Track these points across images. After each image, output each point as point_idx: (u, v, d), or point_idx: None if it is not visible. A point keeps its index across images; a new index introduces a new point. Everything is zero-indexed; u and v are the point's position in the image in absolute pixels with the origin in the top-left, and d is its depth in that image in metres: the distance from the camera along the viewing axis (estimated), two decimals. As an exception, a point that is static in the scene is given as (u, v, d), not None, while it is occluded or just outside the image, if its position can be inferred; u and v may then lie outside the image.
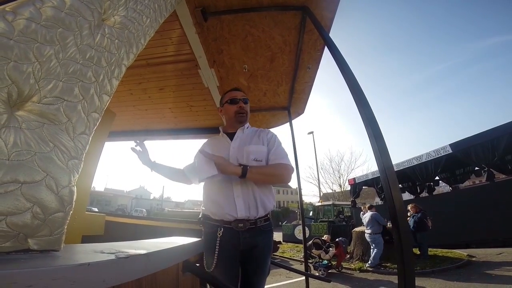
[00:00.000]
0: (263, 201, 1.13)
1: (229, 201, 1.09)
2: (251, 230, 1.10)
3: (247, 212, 1.09)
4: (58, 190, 0.39)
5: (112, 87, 0.57)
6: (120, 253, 0.47)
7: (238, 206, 1.08)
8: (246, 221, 1.09)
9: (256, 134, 1.25)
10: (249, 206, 1.09)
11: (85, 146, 0.46)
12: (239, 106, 1.24)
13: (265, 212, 1.15)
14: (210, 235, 1.10)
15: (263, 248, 1.13)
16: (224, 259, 1.05)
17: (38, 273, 0.30)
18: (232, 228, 1.08)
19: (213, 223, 1.11)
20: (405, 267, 0.63)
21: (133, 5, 0.79)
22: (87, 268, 0.36)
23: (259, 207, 1.11)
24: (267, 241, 1.15)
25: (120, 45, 0.66)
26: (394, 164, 3.62)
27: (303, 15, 1.56)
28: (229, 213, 1.08)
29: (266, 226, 1.15)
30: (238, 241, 1.08)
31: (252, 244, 1.11)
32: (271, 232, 1.19)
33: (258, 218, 1.12)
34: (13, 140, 0.34)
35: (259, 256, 1.13)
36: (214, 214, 1.12)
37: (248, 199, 1.10)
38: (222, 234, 1.06)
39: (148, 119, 2.88)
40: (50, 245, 0.38)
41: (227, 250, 1.07)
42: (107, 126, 2.02)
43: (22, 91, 0.38)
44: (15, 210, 0.33)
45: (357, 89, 0.98)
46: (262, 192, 1.13)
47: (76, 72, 0.48)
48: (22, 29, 0.44)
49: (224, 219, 1.09)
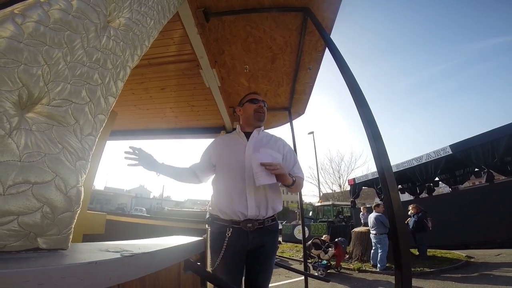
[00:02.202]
0: (274, 202, 1.17)
1: (241, 199, 1.11)
2: (259, 230, 1.12)
3: (257, 211, 1.11)
4: (67, 190, 0.40)
5: (117, 89, 0.58)
6: (125, 252, 0.48)
7: (249, 205, 1.10)
8: (255, 221, 1.11)
9: (272, 139, 1.33)
10: (259, 206, 1.12)
11: (92, 147, 0.47)
12: (258, 105, 1.31)
13: (274, 213, 1.18)
14: (218, 235, 1.11)
15: (269, 248, 1.17)
16: (229, 258, 1.07)
17: (49, 272, 0.31)
18: (241, 228, 1.10)
19: (222, 223, 1.12)
20: (402, 267, 0.64)
21: (137, 7, 0.80)
22: (94, 266, 0.37)
23: (269, 207, 1.15)
24: (274, 241, 1.19)
25: (125, 47, 0.67)
26: (394, 165, 3.65)
27: (304, 16, 1.57)
28: (240, 210, 1.09)
29: (273, 226, 1.19)
30: (246, 241, 1.10)
31: (259, 243, 1.13)
32: (278, 232, 1.23)
33: (266, 218, 1.15)
34: (24, 142, 0.36)
35: (265, 256, 1.16)
36: (223, 213, 1.13)
37: (260, 199, 1.13)
38: (230, 234, 1.07)
39: (149, 118, 2.89)
40: (58, 244, 0.40)
41: (234, 250, 1.08)
42: (108, 125, 2.03)
43: (32, 94, 0.39)
44: (26, 210, 0.34)
45: (357, 90, 0.99)
46: (273, 193, 1.18)
47: (83, 74, 0.49)
48: (31, 32, 0.45)
49: (233, 219, 1.10)
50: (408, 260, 0.71)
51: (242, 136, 1.29)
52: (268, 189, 1.15)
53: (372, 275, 5.04)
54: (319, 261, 5.33)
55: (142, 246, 0.61)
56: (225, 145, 1.29)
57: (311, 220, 12.14)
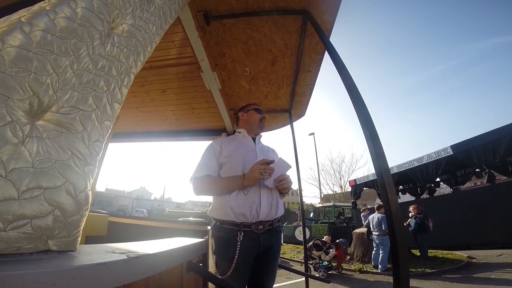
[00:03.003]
0: (280, 204, 1.23)
1: (255, 199, 1.13)
2: (269, 231, 1.15)
3: (269, 211, 1.14)
4: (76, 195, 0.42)
5: (122, 95, 0.60)
6: (130, 253, 0.50)
7: (262, 204, 1.13)
8: (265, 222, 1.14)
9: (269, 148, 1.47)
10: (271, 207, 1.16)
11: (99, 152, 0.49)
12: (263, 116, 1.43)
13: (280, 214, 1.23)
14: (228, 239, 1.08)
15: (276, 249, 1.20)
16: (242, 264, 1.06)
17: (61, 273, 0.33)
18: (252, 230, 1.10)
19: (232, 227, 1.10)
20: (400, 267, 0.65)
21: (140, 13, 0.82)
22: (103, 267, 0.39)
23: (278, 208, 1.20)
24: (279, 241, 1.24)
25: (129, 54, 0.69)
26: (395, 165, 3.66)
27: (304, 19, 1.59)
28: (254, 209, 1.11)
29: (279, 226, 1.24)
30: (258, 243, 1.11)
31: (269, 245, 1.16)
32: (282, 232, 1.30)
33: (274, 219, 1.19)
34: (36, 149, 0.37)
35: (273, 257, 1.19)
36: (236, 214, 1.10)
37: (271, 200, 1.17)
38: (242, 239, 1.07)
39: (150, 121, 2.91)
40: (67, 246, 0.41)
41: (247, 254, 1.08)
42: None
43: (42, 102, 0.41)
44: (39, 213, 0.36)
45: (355, 92, 1.01)
46: (278, 196, 1.24)
47: (90, 82, 0.51)
48: (39, 41, 0.46)
49: (244, 221, 1.10)
50: (406, 260, 0.72)
51: (249, 139, 1.35)
52: (274, 192, 1.22)
53: (373, 276, 5.03)
54: (320, 262, 5.33)
55: (147, 248, 0.62)
56: (234, 146, 1.28)
57: (312, 221, 12.12)
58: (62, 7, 0.52)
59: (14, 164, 0.34)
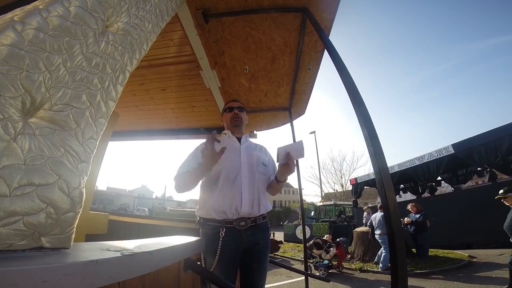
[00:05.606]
0: (265, 201, 1.23)
1: (236, 196, 1.14)
2: (252, 228, 1.16)
3: (250, 208, 1.15)
4: (69, 192, 0.42)
5: (117, 93, 0.60)
6: (125, 251, 0.50)
7: (243, 202, 1.13)
8: (248, 219, 1.15)
9: (257, 146, 1.44)
10: (253, 203, 1.16)
11: (93, 150, 0.49)
12: (233, 112, 1.38)
13: (265, 211, 1.23)
14: (212, 235, 1.12)
15: (263, 245, 1.20)
16: (225, 259, 1.08)
17: (52, 269, 0.33)
18: (234, 227, 1.12)
19: (215, 224, 1.13)
20: (398, 266, 0.65)
21: (135, 11, 0.82)
22: (95, 264, 0.39)
23: (261, 205, 1.20)
24: (267, 238, 1.23)
25: (124, 52, 0.69)
26: (396, 164, 3.65)
27: (303, 16, 1.58)
28: (234, 207, 1.12)
29: (264, 223, 1.23)
30: (240, 240, 1.13)
31: (253, 242, 1.16)
32: (269, 229, 1.27)
33: (258, 216, 1.19)
34: (28, 146, 0.37)
35: (260, 254, 1.18)
36: (217, 211, 1.13)
37: (253, 197, 1.17)
38: (224, 234, 1.09)
39: (150, 119, 2.92)
40: (61, 243, 0.41)
41: (229, 250, 1.10)
42: (110, 126, 2.06)
43: (34, 100, 0.41)
44: (31, 210, 0.36)
45: (354, 90, 1.00)
46: (263, 194, 1.25)
47: (83, 79, 0.51)
48: (31, 39, 0.46)
49: (226, 218, 1.12)
50: (404, 259, 0.72)
51: (234, 140, 1.35)
52: (260, 189, 1.23)
53: (374, 275, 5.03)
54: (321, 261, 5.33)
55: (143, 246, 0.62)
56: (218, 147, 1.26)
57: (313, 220, 12.11)
58: (56, 6, 0.52)
59: (5, 160, 0.34)
